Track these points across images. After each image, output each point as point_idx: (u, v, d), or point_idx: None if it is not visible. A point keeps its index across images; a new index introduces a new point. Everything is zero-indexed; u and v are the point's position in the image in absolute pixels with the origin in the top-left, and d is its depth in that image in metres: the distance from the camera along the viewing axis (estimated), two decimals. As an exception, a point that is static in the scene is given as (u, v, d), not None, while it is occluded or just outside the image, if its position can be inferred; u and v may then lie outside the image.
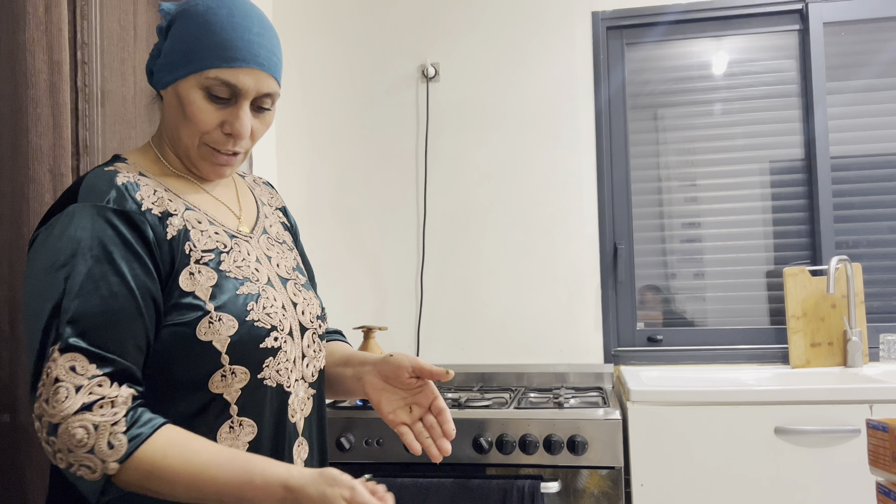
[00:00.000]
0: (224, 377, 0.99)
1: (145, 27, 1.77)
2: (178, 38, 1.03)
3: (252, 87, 1.03)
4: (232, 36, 1.02)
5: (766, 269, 2.56)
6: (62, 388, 0.87)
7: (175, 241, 1.01)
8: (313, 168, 2.78)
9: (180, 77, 1.03)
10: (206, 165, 1.08)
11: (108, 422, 0.88)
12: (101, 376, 0.90)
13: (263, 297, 1.06)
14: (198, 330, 0.98)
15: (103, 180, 0.99)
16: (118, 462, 0.87)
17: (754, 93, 2.60)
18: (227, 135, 1.05)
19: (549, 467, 1.97)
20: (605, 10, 2.62)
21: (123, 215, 0.96)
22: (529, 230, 2.62)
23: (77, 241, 0.93)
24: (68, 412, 0.87)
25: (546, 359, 2.58)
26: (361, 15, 2.77)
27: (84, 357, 0.89)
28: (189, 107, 1.02)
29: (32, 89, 1.34)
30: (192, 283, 1.00)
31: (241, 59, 1.02)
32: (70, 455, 0.87)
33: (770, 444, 1.92)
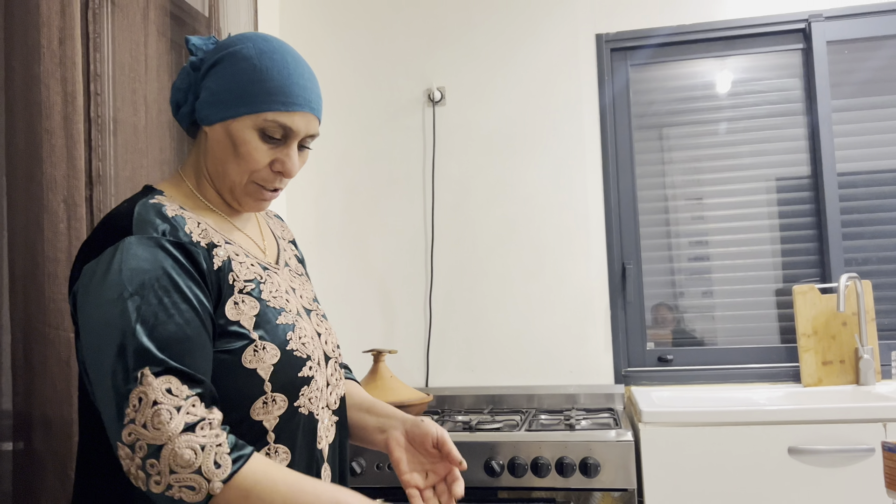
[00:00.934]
0: (265, 404, 1.02)
1: (155, 58, 1.80)
2: (230, 79, 1.06)
3: (303, 130, 1.09)
4: (289, 82, 1.06)
5: (776, 287, 2.55)
6: (163, 409, 0.89)
7: (221, 271, 1.03)
8: (321, 192, 2.80)
9: (234, 116, 1.06)
10: (249, 201, 1.12)
11: (214, 442, 0.90)
12: (194, 396, 0.92)
13: (298, 326, 1.09)
14: (243, 358, 1.01)
15: (154, 213, 1.01)
16: (223, 482, 0.89)
17: (759, 111, 2.61)
18: (277, 173, 1.09)
19: (562, 490, 1.96)
20: (608, 32, 2.64)
21: (180, 246, 0.99)
22: (537, 251, 2.63)
23: (142, 271, 0.94)
24: (174, 433, 0.88)
25: (556, 380, 2.58)
26: (367, 40, 2.80)
27: (177, 379, 0.91)
28: (244, 146, 1.06)
29: (47, 120, 1.36)
30: (237, 313, 1.03)
31: (298, 103, 1.07)
32: (172, 476, 0.88)
33: (784, 465, 1.91)
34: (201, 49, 1.12)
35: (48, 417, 1.33)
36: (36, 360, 1.33)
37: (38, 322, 1.33)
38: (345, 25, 2.82)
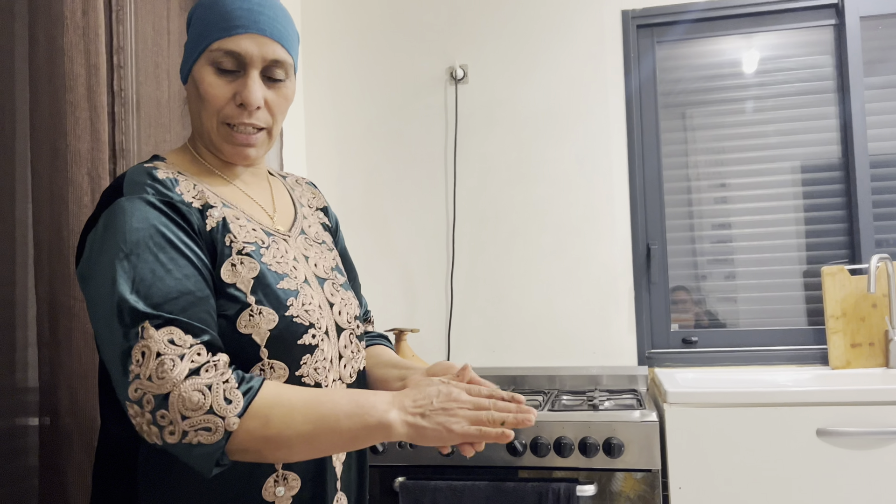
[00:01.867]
0: (263, 371, 0.99)
1: (178, 32, 1.78)
2: (192, 29, 1.07)
3: (256, 54, 1.03)
4: (232, 7, 1.03)
5: (802, 268, 2.51)
6: (166, 359, 0.87)
7: (215, 231, 1.01)
8: (343, 171, 2.78)
9: (194, 61, 1.05)
10: (228, 147, 1.07)
11: (220, 381, 0.89)
12: (199, 345, 0.90)
13: (302, 294, 1.05)
14: (238, 322, 0.98)
15: (144, 175, 1.00)
16: (238, 416, 0.88)
17: (788, 90, 2.56)
18: (240, 106, 1.04)
19: (585, 470, 1.95)
20: (634, 9, 2.60)
21: (170, 204, 0.98)
22: (560, 231, 2.60)
23: (135, 230, 0.93)
24: (178, 379, 0.87)
25: (578, 361, 2.56)
26: (389, 18, 2.77)
27: (179, 329, 0.90)
28: (201, 85, 1.04)
29: (71, 93, 1.35)
30: (233, 275, 1.00)
31: (241, 25, 1.02)
32: (185, 422, 0.86)
33: (812, 447, 1.88)
34: None
35: (74, 391, 1.33)
36: (61, 333, 1.33)
37: (62, 295, 1.33)
38: (367, 2, 2.79)
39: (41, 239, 1.35)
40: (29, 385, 1.40)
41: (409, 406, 0.93)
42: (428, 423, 0.93)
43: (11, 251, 1.39)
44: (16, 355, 1.39)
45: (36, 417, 1.37)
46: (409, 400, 0.94)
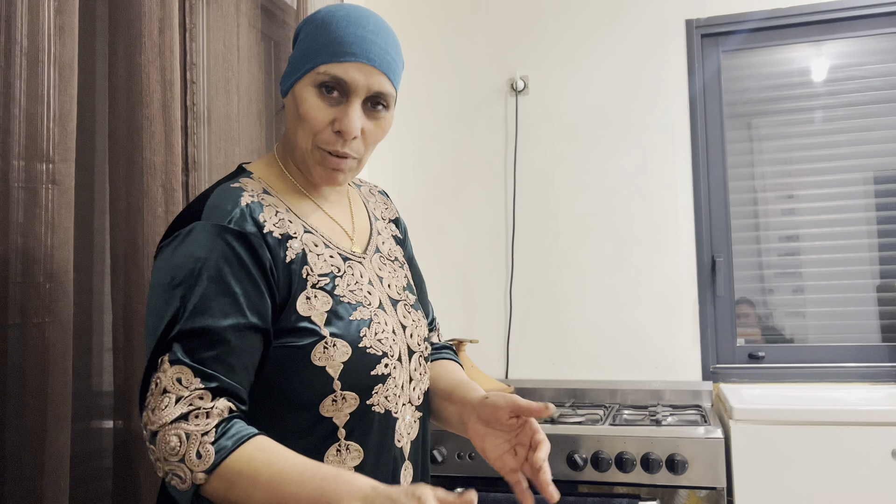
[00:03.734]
0: (335, 402, 0.99)
1: (246, 49, 1.83)
2: (298, 46, 1.05)
3: (362, 83, 1.01)
4: (345, 32, 1.01)
5: (875, 282, 2.43)
6: (167, 398, 0.89)
7: (294, 264, 1.01)
8: (404, 182, 2.81)
9: (297, 79, 1.03)
10: (319, 170, 1.05)
11: (200, 431, 0.88)
12: (203, 390, 0.90)
13: (375, 322, 1.05)
14: (312, 354, 0.98)
15: (228, 199, 0.99)
16: (205, 472, 0.87)
17: (859, 98, 2.49)
18: (337, 133, 1.02)
19: (647, 486, 1.91)
20: (699, 18, 2.56)
21: (242, 237, 0.96)
22: (622, 242, 2.57)
23: (195, 259, 0.94)
24: (166, 421, 0.88)
25: (640, 375, 2.52)
26: (450, 29, 2.80)
27: (190, 371, 0.90)
28: (302, 105, 1.02)
29: (147, 108, 1.41)
30: (308, 308, 1.00)
31: (351, 52, 1.00)
32: (165, 464, 0.88)
33: (887, 468, 1.81)
34: None
35: (146, 395, 1.38)
36: (136, 339, 1.37)
37: (137, 303, 1.38)
38: (428, 15, 2.82)
39: (117, 249, 1.40)
40: (104, 389, 1.46)
41: None
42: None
43: (90, 260, 1.45)
44: (92, 360, 1.45)
45: (110, 420, 1.42)
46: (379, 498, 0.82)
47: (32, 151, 1.16)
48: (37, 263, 1.16)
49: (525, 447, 1.07)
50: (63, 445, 1.17)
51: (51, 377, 1.16)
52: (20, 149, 1.15)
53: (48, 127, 1.18)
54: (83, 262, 1.41)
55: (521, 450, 1.08)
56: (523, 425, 1.08)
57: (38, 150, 1.16)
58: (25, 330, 1.14)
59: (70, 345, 1.20)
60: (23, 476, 1.12)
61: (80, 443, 1.35)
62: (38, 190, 1.16)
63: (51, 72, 1.18)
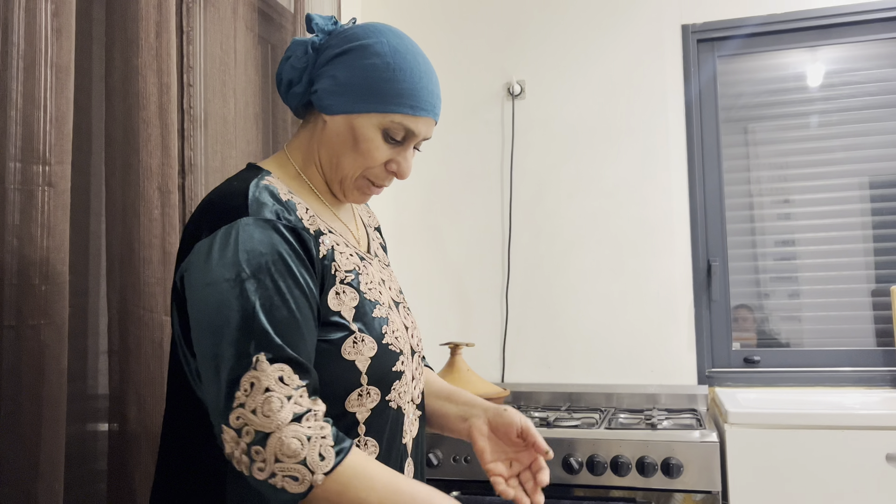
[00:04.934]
0: (360, 396, 1.01)
1: (243, 52, 1.84)
2: (360, 72, 1.04)
3: (423, 134, 1.08)
4: (419, 86, 1.05)
5: (870, 287, 2.43)
6: (274, 398, 0.88)
7: (326, 259, 1.03)
8: (400, 186, 2.81)
9: (360, 112, 1.04)
10: (356, 194, 1.11)
11: (318, 434, 0.90)
12: (303, 387, 0.91)
13: (391, 320, 1.08)
14: (343, 349, 1.00)
15: (267, 195, 0.99)
16: (325, 474, 0.89)
17: (855, 104, 2.50)
18: (391, 173, 1.10)
19: (642, 490, 1.91)
20: (695, 23, 2.57)
21: (294, 231, 0.98)
22: (618, 246, 2.58)
23: (259, 254, 0.93)
24: (283, 422, 0.88)
25: (636, 379, 2.52)
26: (447, 34, 2.80)
27: (290, 368, 0.90)
28: (365, 143, 1.05)
29: (144, 111, 1.41)
30: (338, 303, 1.02)
31: (425, 108, 1.06)
32: (276, 465, 0.87)
33: (881, 472, 1.82)
34: (323, 30, 1.09)
35: (142, 398, 1.38)
36: (131, 341, 1.38)
37: (133, 305, 1.38)
38: (425, 19, 2.83)
39: (113, 251, 1.41)
40: (99, 392, 1.45)
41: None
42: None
43: (85, 263, 1.45)
44: (87, 363, 1.45)
45: (105, 423, 1.42)
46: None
47: (28, 154, 1.16)
48: (32, 265, 1.16)
49: (521, 465, 1.17)
50: (58, 448, 1.17)
51: (46, 379, 1.16)
52: (16, 151, 1.15)
53: (44, 129, 1.18)
54: (79, 264, 1.41)
55: (516, 465, 1.18)
56: (526, 448, 1.17)
57: (34, 152, 1.16)
58: (20, 332, 1.14)
59: (65, 347, 1.20)
60: (17, 478, 1.12)
61: (74, 445, 1.35)
62: (34, 192, 1.16)
63: (47, 74, 1.18)
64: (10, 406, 1.12)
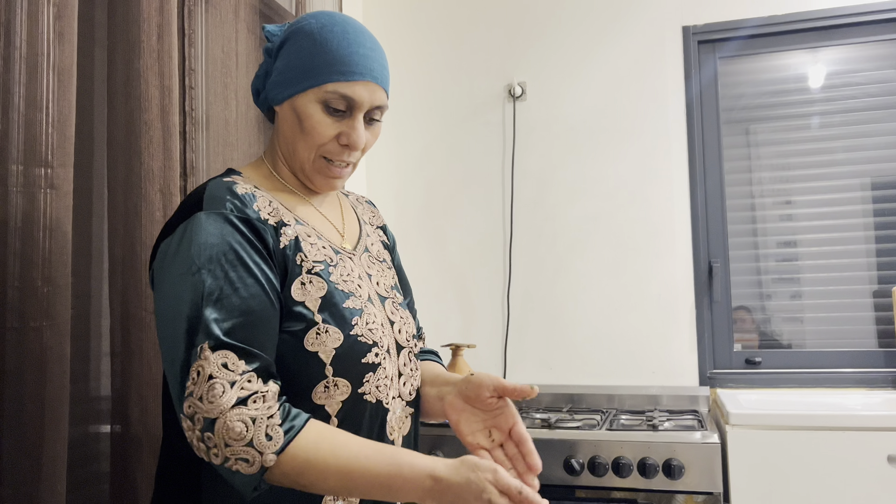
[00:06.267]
0: (327, 388, 1.01)
1: (245, 55, 1.84)
2: (293, 56, 1.07)
3: (367, 100, 1.07)
4: (348, 51, 1.05)
5: (872, 288, 2.43)
6: (217, 384, 0.89)
7: (288, 249, 1.03)
8: (401, 187, 2.82)
9: (298, 92, 1.06)
10: (320, 178, 1.11)
11: (265, 415, 0.90)
12: (250, 372, 0.92)
13: (366, 312, 1.07)
14: (305, 340, 1.00)
15: (224, 190, 1.02)
16: (275, 454, 0.89)
17: (856, 104, 2.50)
18: (344, 146, 1.08)
19: (644, 491, 1.92)
20: (696, 25, 2.57)
21: (247, 222, 0.99)
22: (619, 248, 2.58)
23: (209, 245, 0.95)
24: (226, 407, 0.88)
25: (637, 381, 2.52)
26: (449, 36, 2.81)
27: (234, 354, 0.91)
28: (308, 120, 1.06)
29: (145, 113, 1.41)
30: (302, 293, 1.02)
31: (358, 72, 1.05)
32: (227, 450, 0.88)
33: (883, 473, 1.82)
34: (274, 34, 1.12)
35: (144, 400, 1.38)
36: (133, 344, 1.38)
37: (135, 307, 1.38)
38: (426, 21, 2.83)
39: (115, 253, 1.41)
40: (102, 394, 1.46)
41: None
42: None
43: (87, 265, 1.45)
44: (90, 365, 1.45)
45: (108, 425, 1.42)
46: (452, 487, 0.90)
47: (31, 156, 1.16)
48: (35, 268, 1.16)
49: (501, 432, 1.11)
50: (60, 449, 1.17)
51: (48, 381, 1.16)
52: (19, 153, 1.15)
53: (47, 132, 1.18)
54: (81, 266, 1.42)
55: (496, 433, 1.12)
56: (502, 409, 1.11)
57: (36, 154, 1.17)
58: (23, 334, 1.14)
59: (68, 349, 1.20)
60: (20, 480, 1.12)
61: (77, 447, 1.35)
62: (37, 194, 1.17)
63: (50, 77, 1.19)
64: (12, 408, 1.12)
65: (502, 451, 1.11)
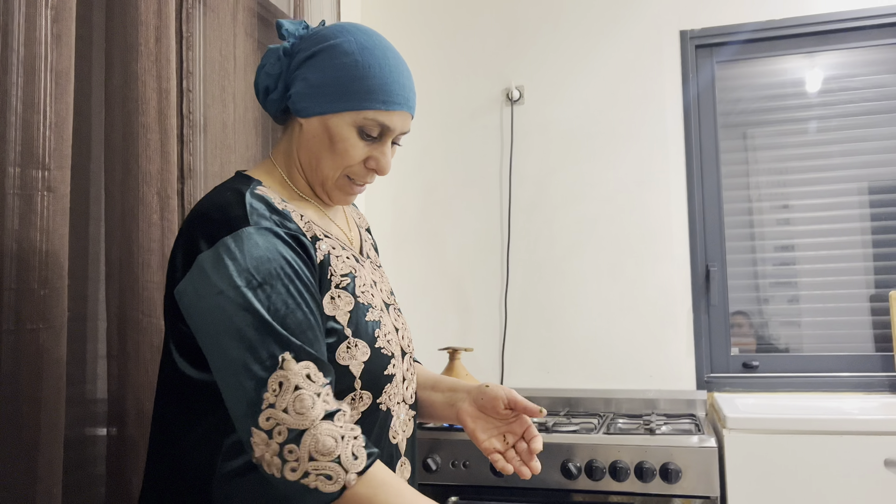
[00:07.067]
0: (353, 401, 1.02)
1: (243, 58, 1.84)
2: (330, 72, 1.04)
3: (399, 128, 1.08)
4: (390, 80, 1.05)
5: (869, 292, 2.44)
6: (305, 395, 0.88)
7: (322, 265, 1.03)
8: (399, 191, 2.82)
9: (333, 112, 1.05)
10: (338, 194, 1.11)
11: (351, 434, 0.90)
12: (328, 385, 0.92)
13: (383, 323, 1.08)
14: (337, 354, 1.00)
15: (263, 204, 1.00)
16: (358, 474, 0.88)
17: (853, 109, 2.50)
18: (371, 170, 1.09)
19: (641, 495, 1.91)
20: (693, 29, 2.58)
21: (295, 238, 0.99)
22: (617, 251, 2.58)
23: (266, 260, 0.94)
24: (316, 419, 0.88)
25: (635, 384, 2.52)
26: (446, 40, 2.81)
27: (314, 365, 0.91)
28: (342, 143, 1.05)
29: (143, 116, 1.41)
30: (333, 308, 1.02)
31: (398, 102, 1.06)
32: (310, 464, 0.87)
33: (879, 478, 1.82)
34: (293, 35, 1.09)
35: (140, 403, 1.38)
36: (130, 346, 1.38)
37: (131, 310, 1.38)
38: (424, 25, 2.84)
39: (112, 256, 1.41)
40: (98, 396, 1.46)
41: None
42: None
43: (84, 267, 1.45)
44: (86, 367, 1.45)
45: (104, 427, 1.42)
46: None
47: (28, 158, 1.16)
48: (31, 270, 1.16)
49: (515, 435, 1.19)
50: (56, 452, 1.17)
51: (44, 384, 1.16)
52: (16, 156, 1.15)
53: (44, 134, 1.18)
54: (78, 268, 1.42)
55: (510, 437, 1.19)
56: (517, 417, 1.19)
57: (33, 157, 1.17)
58: (19, 336, 1.14)
59: (64, 351, 1.20)
60: (16, 482, 1.12)
61: (73, 449, 1.35)
62: (34, 197, 1.17)
63: (47, 79, 1.19)
64: (8, 410, 1.12)
65: (514, 450, 1.19)
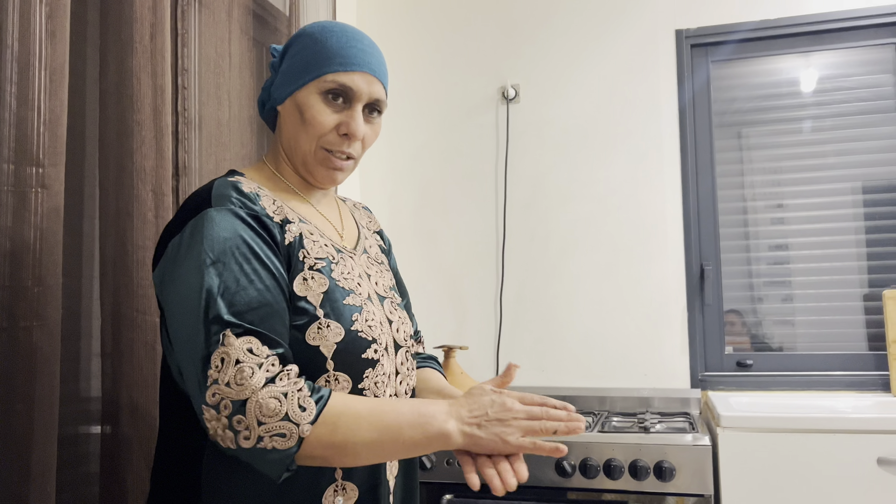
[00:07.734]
0: (328, 382, 1.02)
1: (238, 55, 1.84)
2: (296, 57, 1.12)
3: (365, 90, 1.11)
4: (346, 45, 1.11)
5: (862, 291, 2.44)
6: (245, 367, 0.91)
7: (291, 246, 1.05)
8: (395, 189, 2.82)
9: (299, 87, 1.11)
10: (321, 170, 1.14)
11: (294, 389, 0.92)
12: (274, 356, 0.94)
13: (366, 310, 1.09)
14: (307, 334, 1.02)
15: (230, 188, 1.04)
16: (310, 423, 0.91)
17: (847, 109, 2.51)
18: (343, 136, 1.11)
19: (635, 493, 1.92)
20: (689, 28, 2.58)
21: (255, 217, 1.02)
22: (612, 250, 2.58)
23: (222, 239, 0.97)
24: (256, 386, 0.90)
25: (629, 383, 2.53)
26: (442, 38, 2.81)
27: (257, 339, 0.93)
28: (308, 111, 1.10)
29: (138, 113, 1.41)
30: (305, 289, 1.04)
31: (356, 63, 1.10)
32: (261, 428, 0.89)
33: (872, 476, 1.82)
34: (278, 51, 1.18)
35: (134, 401, 1.38)
36: (124, 344, 1.37)
37: (126, 307, 1.38)
38: (420, 24, 2.83)
39: (107, 253, 1.40)
40: (91, 394, 1.45)
41: (466, 416, 0.98)
42: (484, 434, 0.97)
43: (78, 264, 1.45)
44: (80, 365, 1.45)
45: (98, 425, 1.41)
46: (465, 410, 0.98)
47: (22, 155, 1.16)
48: (25, 267, 1.16)
49: None
50: (50, 450, 1.17)
51: (38, 381, 1.15)
52: (10, 153, 1.15)
53: (38, 131, 1.18)
54: (72, 266, 1.41)
55: None
56: None
57: (27, 154, 1.16)
58: (13, 334, 1.14)
59: (58, 349, 1.20)
60: (9, 481, 1.11)
61: (66, 448, 1.35)
62: (28, 194, 1.16)
63: (41, 76, 1.18)
64: (2, 408, 1.12)
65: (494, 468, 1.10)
